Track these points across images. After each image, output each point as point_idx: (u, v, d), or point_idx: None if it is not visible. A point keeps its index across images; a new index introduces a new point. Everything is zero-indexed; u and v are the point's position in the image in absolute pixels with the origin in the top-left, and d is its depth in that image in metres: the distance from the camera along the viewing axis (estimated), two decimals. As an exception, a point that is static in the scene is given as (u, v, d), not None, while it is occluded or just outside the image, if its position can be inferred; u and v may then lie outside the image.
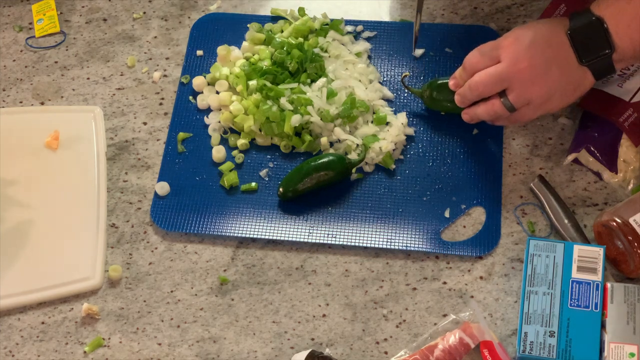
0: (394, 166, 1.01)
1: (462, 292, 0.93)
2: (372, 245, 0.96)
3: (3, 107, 1.10)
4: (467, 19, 1.12)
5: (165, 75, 1.11)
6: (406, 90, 1.06)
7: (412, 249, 0.95)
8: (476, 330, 0.88)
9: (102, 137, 1.06)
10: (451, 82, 0.99)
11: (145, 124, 1.08)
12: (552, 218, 0.95)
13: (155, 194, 1.01)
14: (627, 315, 0.86)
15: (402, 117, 1.03)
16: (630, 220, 0.89)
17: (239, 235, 0.98)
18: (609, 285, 0.88)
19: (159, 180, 1.02)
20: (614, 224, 0.90)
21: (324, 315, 0.93)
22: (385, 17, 1.13)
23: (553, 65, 0.91)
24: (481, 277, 0.94)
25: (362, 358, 0.90)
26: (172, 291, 0.95)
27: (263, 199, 1.00)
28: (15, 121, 1.08)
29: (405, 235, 0.96)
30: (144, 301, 0.95)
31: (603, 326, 0.86)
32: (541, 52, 0.91)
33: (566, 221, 0.95)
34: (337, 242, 0.96)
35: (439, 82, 1.01)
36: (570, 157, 0.99)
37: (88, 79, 1.12)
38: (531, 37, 0.92)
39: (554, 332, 0.85)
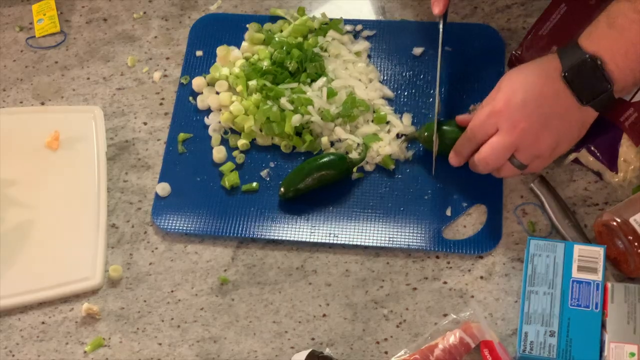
0: (393, 166, 1.01)
1: (463, 292, 0.93)
2: (374, 245, 0.96)
3: (3, 107, 1.10)
4: (467, 19, 1.12)
5: (165, 75, 1.11)
6: (406, 90, 1.06)
7: (414, 247, 0.95)
8: (476, 330, 0.88)
9: (103, 137, 1.06)
10: (454, 160, 0.96)
11: (145, 124, 1.08)
12: (553, 218, 0.95)
13: (156, 194, 1.01)
14: (627, 315, 0.86)
15: (407, 119, 1.03)
16: (631, 220, 0.89)
17: (240, 235, 0.98)
18: (609, 285, 0.88)
19: (160, 181, 1.02)
20: (615, 223, 0.90)
21: (324, 315, 0.93)
22: (384, 16, 1.13)
23: (551, 117, 0.89)
24: (481, 277, 0.94)
25: (362, 358, 0.90)
26: (172, 291, 0.96)
27: (264, 199, 1.00)
28: (16, 121, 1.08)
29: (406, 234, 0.96)
30: (145, 301, 0.95)
31: (603, 326, 0.86)
32: (536, 108, 0.89)
33: (567, 221, 0.95)
34: (338, 242, 0.96)
35: (443, 127, 0.98)
36: (571, 157, 0.99)
37: (88, 79, 1.12)
38: (522, 95, 0.89)
39: (555, 332, 0.85)
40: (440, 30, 1.02)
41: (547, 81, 0.89)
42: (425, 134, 0.99)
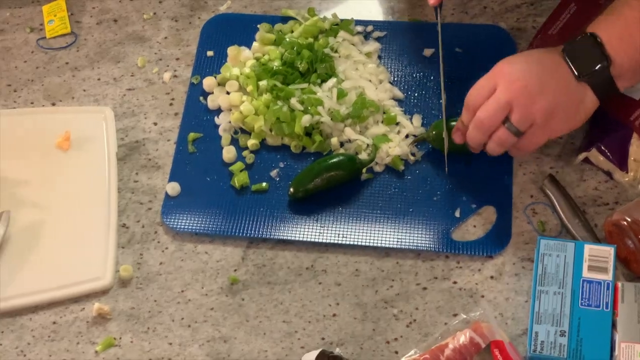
0: (402, 167, 1.01)
1: (473, 292, 0.93)
2: (382, 245, 0.96)
3: (14, 107, 1.11)
4: (477, 18, 1.12)
5: (175, 76, 1.11)
6: (416, 91, 1.06)
7: (423, 248, 0.95)
8: (487, 330, 0.88)
9: (113, 137, 1.06)
10: (456, 136, 0.97)
11: (155, 124, 1.08)
12: (563, 217, 0.95)
13: (166, 194, 1.02)
14: (638, 314, 0.85)
15: (417, 120, 1.03)
16: (642, 220, 0.89)
17: (250, 235, 0.98)
18: (619, 284, 0.87)
19: (170, 180, 1.03)
20: (625, 223, 0.90)
21: (334, 315, 0.93)
22: (395, 17, 1.13)
23: (549, 81, 0.90)
24: (492, 277, 0.94)
25: (372, 357, 0.90)
26: (182, 291, 0.96)
27: (274, 199, 1.00)
28: (27, 122, 1.09)
29: (415, 235, 0.96)
30: (155, 301, 0.95)
31: (614, 325, 0.86)
32: (535, 72, 0.90)
33: (577, 220, 0.94)
34: (347, 242, 0.96)
35: (451, 123, 0.98)
36: (581, 157, 0.99)
37: (99, 79, 1.12)
38: (523, 59, 0.92)
39: (565, 332, 0.85)
40: (438, 22, 1.02)
41: (547, 55, 0.92)
42: (434, 132, 0.99)
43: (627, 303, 0.86)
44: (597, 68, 0.89)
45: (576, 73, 0.90)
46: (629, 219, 0.89)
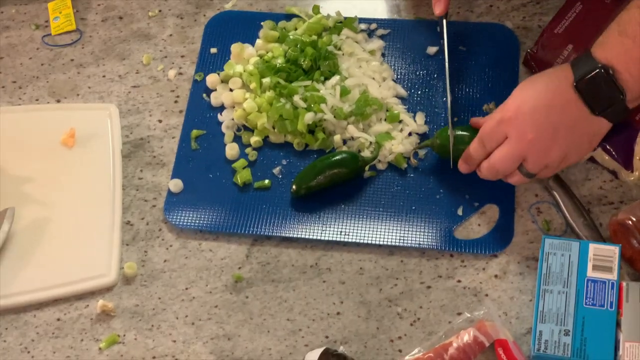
0: (405, 165, 1.01)
1: (477, 291, 0.93)
2: (386, 243, 0.96)
3: (19, 104, 1.11)
4: (482, 17, 1.11)
5: (180, 73, 1.11)
6: (419, 89, 1.06)
7: (426, 247, 0.95)
8: (491, 329, 0.88)
9: (118, 134, 1.06)
10: (463, 167, 0.96)
11: (160, 121, 1.08)
12: (568, 216, 0.95)
13: (169, 191, 1.02)
14: (642, 314, 0.86)
15: (420, 118, 1.03)
16: (646, 219, 0.89)
17: (253, 232, 0.98)
18: (624, 284, 0.87)
19: (173, 177, 1.03)
20: (630, 222, 0.89)
21: (338, 313, 0.93)
22: (400, 15, 1.13)
23: (561, 127, 0.88)
24: (496, 276, 0.94)
25: (376, 356, 0.90)
26: (186, 288, 0.96)
27: (276, 196, 1.01)
28: (32, 119, 1.09)
29: (418, 233, 0.96)
30: (159, 298, 0.96)
31: (618, 325, 0.85)
32: (545, 118, 0.88)
33: (581, 220, 0.94)
34: (350, 240, 0.96)
35: (457, 132, 0.98)
36: (586, 156, 0.98)
37: (104, 76, 1.12)
38: (532, 104, 0.88)
39: (569, 331, 0.85)
40: (444, 31, 1.02)
41: (558, 91, 0.88)
42: (438, 141, 0.99)
43: (632, 303, 0.86)
44: (613, 103, 0.87)
45: (592, 111, 0.87)
46: (634, 219, 0.89)
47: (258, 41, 1.11)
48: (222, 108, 1.08)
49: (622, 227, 0.91)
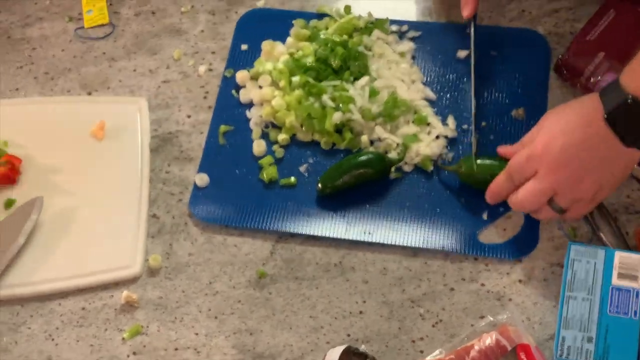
0: (431, 168, 1.01)
1: (500, 295, 0.92)
2: (410, 245, 0.96)
3: (51, 95, 1.12)
4: (514, 22, 1.11)
5: (210, 69, 1.12)
6: (448, 92, 1.06)
7: (449, 249, 0.95)
8: (513, 333, 0.87)
9: (147, 128, 1.07)
10: (490, 199, 0.95)
11: (189, 116, 1.09)
12: (594, 224, 0.95)
13: (195, 185, 1.02)
14: (667, 324, 0.85)
15: (452, 122, 1.03)
16: (674, 229, 0.88)
17: (278, 229, 0.98)
18: (649, 293, 0.87)
19: (199, 171, 1.03)
20: (657, 231, 0.89)
21: (360, 312, 0.93)
22: (432, 17, 1.13)
23: (592, 162, 0.86)
24: (520, 281, 0.93)
25: (397, 356, 0.90)
26: (210, 283, 0.96)
27: (302, 194, 1.01)
28: (63, 110, 1.10)
29: (442, 236, 0.96)
30: (183, 291, 0.96)
31: (642, 334, 0.85)
32: (576, 154, 0.86)
33: (608, 228, 0.94)
34: (374, 240, 0.97)
35: (478, 161, 0.97)
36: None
37: (135, 70, 1.13)
38: (562, 140, 0.86)
39: (592, 338, 0.85)
40: (472, 33, 1.02)
41: (588, 124, 0.86)
42: (462, 169, 0.98)
43: (657, 312, 0.86)
44: None
45: (625, 143, 0.85)
46: (661, 228, 0.89)
47: (289, 39, 1.11)
48: (250, 105, 1.08)
49: (649, 236, 0.90)
